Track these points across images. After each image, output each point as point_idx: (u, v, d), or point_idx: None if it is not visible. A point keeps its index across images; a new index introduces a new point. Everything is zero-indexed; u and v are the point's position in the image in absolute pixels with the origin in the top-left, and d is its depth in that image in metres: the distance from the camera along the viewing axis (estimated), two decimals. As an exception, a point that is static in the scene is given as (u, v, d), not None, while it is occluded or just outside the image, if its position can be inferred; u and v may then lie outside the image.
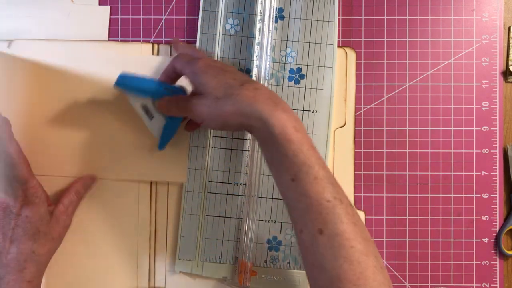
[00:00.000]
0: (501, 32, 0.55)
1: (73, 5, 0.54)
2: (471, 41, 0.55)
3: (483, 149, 0.54)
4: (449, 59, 0.55)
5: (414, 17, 0.55)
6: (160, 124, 0.50)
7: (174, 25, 0.55)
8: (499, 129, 0.54)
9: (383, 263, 0.41)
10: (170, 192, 0.54)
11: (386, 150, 0.55)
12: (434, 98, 0.55)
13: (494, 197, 0.54)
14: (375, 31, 0.55)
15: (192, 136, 0.53)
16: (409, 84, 0.55)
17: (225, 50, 0.53)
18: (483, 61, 0.55)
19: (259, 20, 0.53)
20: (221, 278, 0.53)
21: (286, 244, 0.53)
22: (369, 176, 0.55)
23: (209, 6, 0.53)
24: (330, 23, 0.53)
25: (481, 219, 0.54)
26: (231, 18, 0.53)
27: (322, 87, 0.53)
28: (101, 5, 0.55)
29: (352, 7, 0.55)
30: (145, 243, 0.54)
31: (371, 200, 0.55)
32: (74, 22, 0.54)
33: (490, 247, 0.54)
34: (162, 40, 0.55)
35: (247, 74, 0.53)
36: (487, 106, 0.54)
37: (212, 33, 0.53)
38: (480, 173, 0.54)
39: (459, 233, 0.54)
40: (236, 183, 0.53)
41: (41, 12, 0.54)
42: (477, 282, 0.54)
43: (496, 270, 0.54)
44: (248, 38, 0.53)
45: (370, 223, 0.54)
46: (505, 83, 0.55)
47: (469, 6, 0.55)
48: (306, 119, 0.53)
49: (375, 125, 0.55)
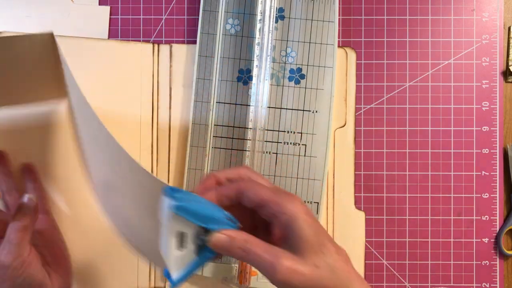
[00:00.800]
0: (501, 32, 0.55)
1: (73, 5, 0.54)
2: (471, 41, 0.55)
3: (483, 149, 0.54)
4: (449, 59, 0.55)
5: (414, 17, 0.55)
6: (186, 259, 0.36)
7: (174, 25, 0.55)
8: (499, 129, 0.54)
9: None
10: (170, 192, 0.54)
11: (386, 150, 0.55)
12: (434, 98, 0.55)
13: (494, 197, 0.54)
14: (375, 31, 0.55)
15: (193, 136, 0.53)
16: (409, 84, 0.55)
17: (225, 50, 0.53)
18: (483, 61, 0.55)
19: (259, 20, 0.53)
20: (221, 278, 0.53)
21: (287, 244, 0.53)
22: (369, 176, 0.55)
23: (209, 6, 0.53)
24: (330, 23, 0.53)
25: (481, 219, 0.55)
26: (231, 18, 0.53)
27: (323, 87, 0.53)
28: (101, 5, 0.55)
29: (352, 7, 0.55)
30: (145, 243, 0.54)
31: (371, 200, 0.55)
32: (74, 22, 0.54)
33: (490, 247, 0.54)
34: (162, 40, 0.55)
35: (247, 74, 0.53)
36: (487, 106, 0.55)
37: (212, 33, 0.53)
38: (480, 173, 0.55)
39: (459, 233, 0.55)
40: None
41: (41, 12, 0.54)
42: (477, 282, 0.54)
43: (496, 270, 0.54)
44: (249, 38, 0.53)
45: (370, 223, 0.55)
46: (505, 83, 0.55)
47: (469, 6, 0.55)
48: (307, 119, 0.53)
49: (375, 125, 0.55)
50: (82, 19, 0.54)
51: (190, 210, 0.34)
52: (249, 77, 0.53)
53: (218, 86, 0.53)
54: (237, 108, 0.53)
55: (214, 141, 0.53)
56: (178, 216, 0.34)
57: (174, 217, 0.33)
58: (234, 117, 0.53)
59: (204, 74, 0.53)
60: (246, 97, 0.53)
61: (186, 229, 0.35)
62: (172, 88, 0.54)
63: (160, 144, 0.54)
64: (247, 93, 0.53)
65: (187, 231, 0.35)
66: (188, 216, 0.34)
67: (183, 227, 0.34)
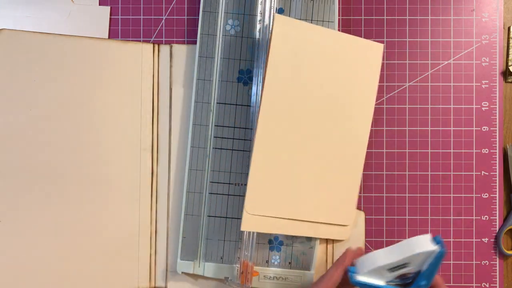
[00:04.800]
0: (501, 32, 0.55)
1: (73, 5, 0.54)
2: (471, 41, 0.55)
3: (483, 149, 0.55)
4: (449, 59, 0.55)
5: (414, 17, 0.55)
6: (376, 277, 0.44)
7: (174, 25, 0.55)
8: (499, 129, 0.55)
9: None
10: (170, 192, 0.54)
11: (386, 150, 0.55)
12: (434, 98, 0.55)
13: (494, 197, 0.54)
14: (375, 31, 0.55)
15: (193, 137, 0.53)
16: (409, 84, 0.55)
17: (225, 50, 0.53)
18: (483, 61, 0.55)
19: (259, 21, 0.53)
20: (223, 278, 0.53)
21: (288, 244, 0.53)
22: (369, 176, 0.55)
23: (209, 6, 0.53)
24: (330, 23, 0.53)
25: (481, 219, 0.55)
26: (231, 18, 0.53)
27: (323, 87, 0.53)
28: (101, 5, 0.55)
29: (352, 7, 0.55)
30: (146, 243, 0.54)
31: (371, 200, 0.55)
32: (74, 22, 0.54)
33: (489, 247, 0.55)
34: (162, 40, 0.55)
35: (247, 74, 0.53)
36: (487, 106, 0.55)
37: (212, 34, 0.53)
38: (480, 173, 0.55)
39: (459, 233, 0.55)
40: (237, 184, 0.53)
41: (41, 12, 0.54)
42: (477, 282, 0.55)
43: (495, 270, 0.55)
44: (249, 38, 0.53)
45: (370, 223, 0.55)
46: (505, 83, 0.55)
47: (469, 6, 0.55)
48: (307, 120, 0.53)
49: (375, 125, 0.55)
50: (82, 19, 0.54)
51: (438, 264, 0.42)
52: (249, 78, 0.53)
53: (219, 87, 0.53)
54: (237, 108, 0.53)
55: (214, 142, 0.53)
56: (425, 256, 0.41)
57: (422, 254, 0.41)
58: (235, 118, 0.53)
59: (205, 75, 0.53)
60: (247, 98, 0.53)
61: (412, 266, 0.42)
62: (172, 88, 0.54)
63: (160, 144, 0.54)
64: (248, 93, 0.53)
65: (410, 268, 0.42)
66: (435, 265, 0.42)
67: (414, 262, 0.42)
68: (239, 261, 0.52)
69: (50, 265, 0.53)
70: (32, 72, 0.52)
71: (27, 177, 0.53)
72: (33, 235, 0.53)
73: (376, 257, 0.42)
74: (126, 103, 0.53)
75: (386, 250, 0.42)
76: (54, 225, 0.53)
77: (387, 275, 0.43)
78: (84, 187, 0.53)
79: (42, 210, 0.53)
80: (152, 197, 0.54)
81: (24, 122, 0.52)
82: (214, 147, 0.53)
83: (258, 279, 0.53)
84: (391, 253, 0.42)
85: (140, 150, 0.54)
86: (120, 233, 0.53)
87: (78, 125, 0.53)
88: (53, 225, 0.53)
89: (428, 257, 0.42)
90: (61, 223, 0.53)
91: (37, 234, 0.53)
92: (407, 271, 0.43)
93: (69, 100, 0.53)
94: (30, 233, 0.53)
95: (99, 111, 0.53)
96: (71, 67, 0.53)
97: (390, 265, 0.42)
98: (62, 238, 0.53)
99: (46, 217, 0.53)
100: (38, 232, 0.53)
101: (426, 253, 0.41)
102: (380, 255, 0.42)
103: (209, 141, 0.53)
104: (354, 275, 0.43)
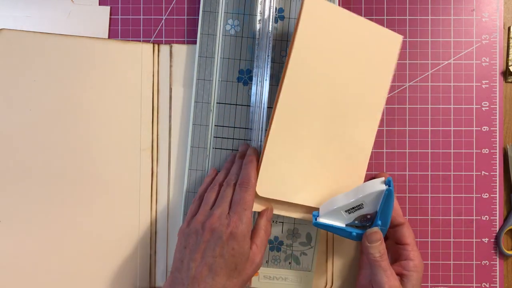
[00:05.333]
0: (501, 32, 0.55)
1: (73, 5, 0.54)
2: (471, 41, 0.55)
3: (483, 149, 0.55)
4: (449, 59, 0.55)
5: (414, 17, 0.55)
6: (337, 219, 0.47)
7: (174, 25, 0.55)
8: (499, 129, 0.55)
9: None
10: (170, 192, 0.54)
11: (386, 150, 0.55)
12: (434, 98, 0.55)
13: (494, 197, 0.54)
14: (375, 31, 0.55)
15: (193, 137, 0.53)
16: (409, 84, 0.55)
17: (225, 50, 0.53)
18: (483, 61, 0.55)
19: (259, 21, 0.53)
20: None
21: (288, 244, 0.53)
22: (369, 176, 0.55)
23: (209, 6, 0.53)
24: (330, 23, 0.53)
25: (481, 219, 0.55)
26: (231, 18, 0.53)
27: (323, 87, 0.53)
28: (101, 5, 0.55)
29: (352, 7, 0.55)
30: (146, 243, 0.54)
31: (371, 200, 0.55)
32: (74, 22, 0.54)
33: (490, 247, 0.55)
34: (162, 40, 0.55)
35: (247, 74, 0.53)
36: (487, 106, 0.55)
37: (212, 34, 0.53)
38: (480, 173, 0.55)
39: (459, 233, 0.55)
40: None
41: (41, 12, 0.54)
42: (477, 282, 0.55)
43: (496, 270, 0.55)
44: (248, 38, 0.53)
45: (370, 223, 0.55)
46: (505, 83, 0.55)
47: (469, 6, 0.55)
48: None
49: (375, 125, 0.55)
50: (82, 19, 0.54)
51: (389, 204, 0.45)
52: (249, 78, 0.53)
53: (218, 87, 0.53)
54: (237, 108, 0.53)
55: (214, 142, 0.53)
56: (375, 196, 0.45)
57: (372, 194, 0.45)
58: (235, 118, 0.53)
59: (204, 75, 0.53)
60: (247, 98, 0.53)
61: (367, 208, 0.46)
62: (172, 88, 0.54)
63: (160, 144, 0.54)
64: (247, 93, 0.53)
65: (365, 210, 0.46)
66: (386, 204, 0.45)
67: (367, 204, 0.45)
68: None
69: (50, 265, 0.53)
70: (32, 72, 0.52)
71: (27, 177, 0.53)
72: (33, 235, 0.53)
73: (334, 200, 0.47)
74: (126, 103, 0.53)
75: (344, 193, 0.47)
76: (54, 225, 0.53)
77: (347, 217, 0.47)
78: (84, 187, 0.53)
79: (42, 210, 0.53)
80: (152, 197, 0.54)
81: (24, 122, 0.52)
82: (214, 147, 0.53)
83: (258, 279, 0.53)
84: (347, 196, 0.46)
85: (140, 150, 0.54)
86: (120, 233, 0.53)
87: (77, 125, 0.53)
88: (53, 225, 0.53)
89: (380, 197, 0.45)
90: (61, 223, 0.53)
91: (37, 234, 0.53)
92: (364, 212, 0.46)
93: (69, 100, 0.53)
94: (30, 233, 0.53)
95: (99, 111, 0.53)
96: (71, 67, 0.53)
97: (346, 206, 0.46)
98: (62, 238, 0.53)
99: (46, 217, 0.53)
100: (38, 232, 0.53)
101: (376, 193, 0.45)
102: (338, 198, 0.47)
103: (209, 141, 0.53)
104: (316, 218, 0.47)
